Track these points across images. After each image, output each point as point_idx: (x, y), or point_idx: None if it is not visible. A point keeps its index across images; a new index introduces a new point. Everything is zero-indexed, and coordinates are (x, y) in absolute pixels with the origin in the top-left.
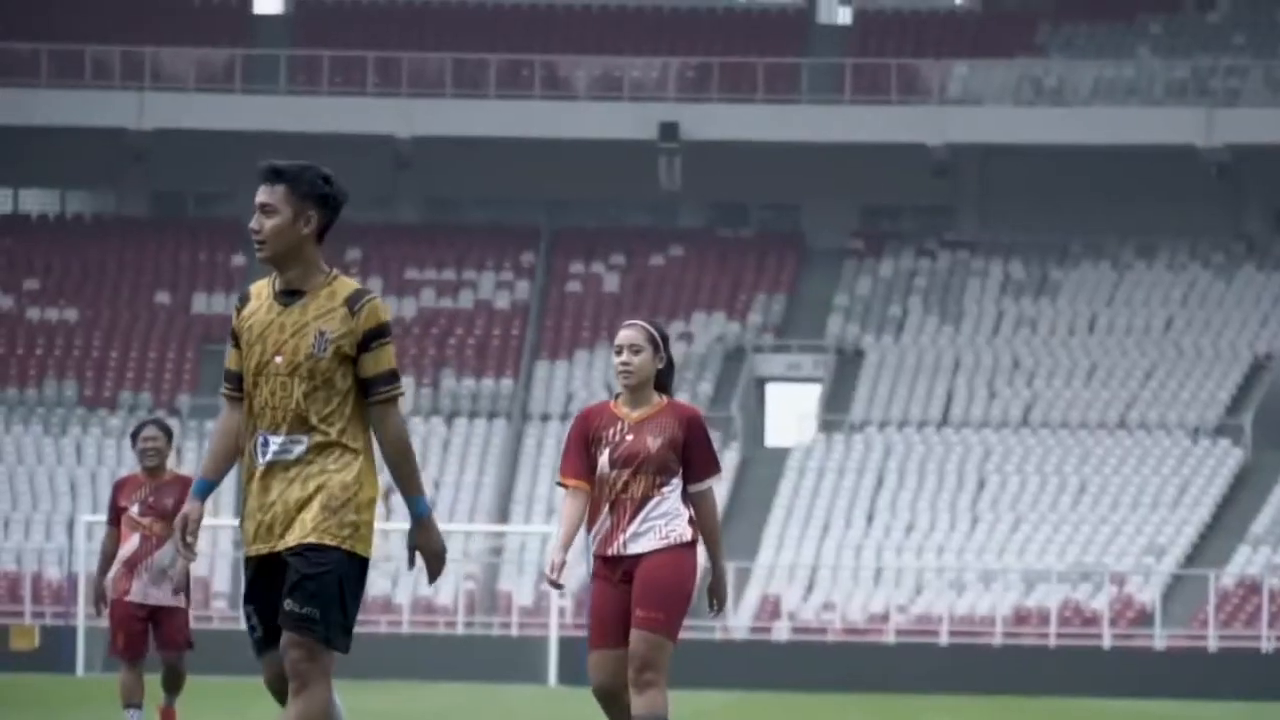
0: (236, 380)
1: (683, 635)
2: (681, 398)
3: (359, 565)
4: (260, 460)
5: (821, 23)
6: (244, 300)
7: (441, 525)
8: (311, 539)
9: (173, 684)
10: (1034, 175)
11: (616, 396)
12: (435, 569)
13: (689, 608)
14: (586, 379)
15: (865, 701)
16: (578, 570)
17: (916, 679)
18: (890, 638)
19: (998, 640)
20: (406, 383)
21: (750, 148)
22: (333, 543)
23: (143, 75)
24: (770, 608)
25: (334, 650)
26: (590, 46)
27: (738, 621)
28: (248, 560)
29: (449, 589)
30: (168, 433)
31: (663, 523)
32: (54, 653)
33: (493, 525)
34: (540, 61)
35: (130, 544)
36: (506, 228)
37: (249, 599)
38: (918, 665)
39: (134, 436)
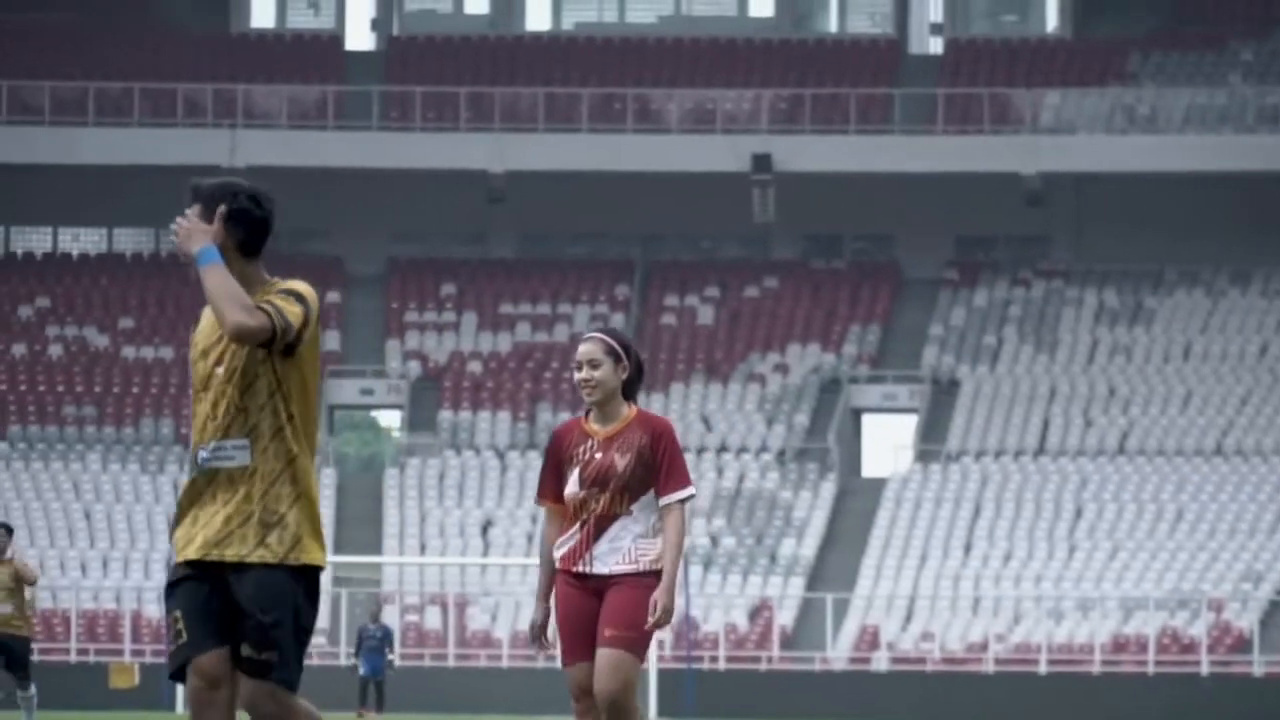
0: None
1: (784, 666)
2: (778, 429)
3: (309, 578)
4: (197, 468)
5: (913, 53)
6: (198, 320)
7: (538, 559)
8: (254, 558)
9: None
10: (1127, 203)
11: (587, 413)
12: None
13: (654, 632)
14: (682, 411)
15: None
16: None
17: (1015, 708)
18: (989, 667)
19: (1096, 668)
20: (503, 417)
21: (843, 179)
22: (275, 560)
23: (235, 113)
24: (869, 638)
25: (290, 689)
26: (682, 79)
27: (837, 652)
28: (179, 565)
29: (550, 623)
30: None
31: (633, 544)
32: (154, 690)
33: None
34: (633, 95)
35: None
36: (601, 261)
37: (177, 605)
38: (1016, 694)
39: None
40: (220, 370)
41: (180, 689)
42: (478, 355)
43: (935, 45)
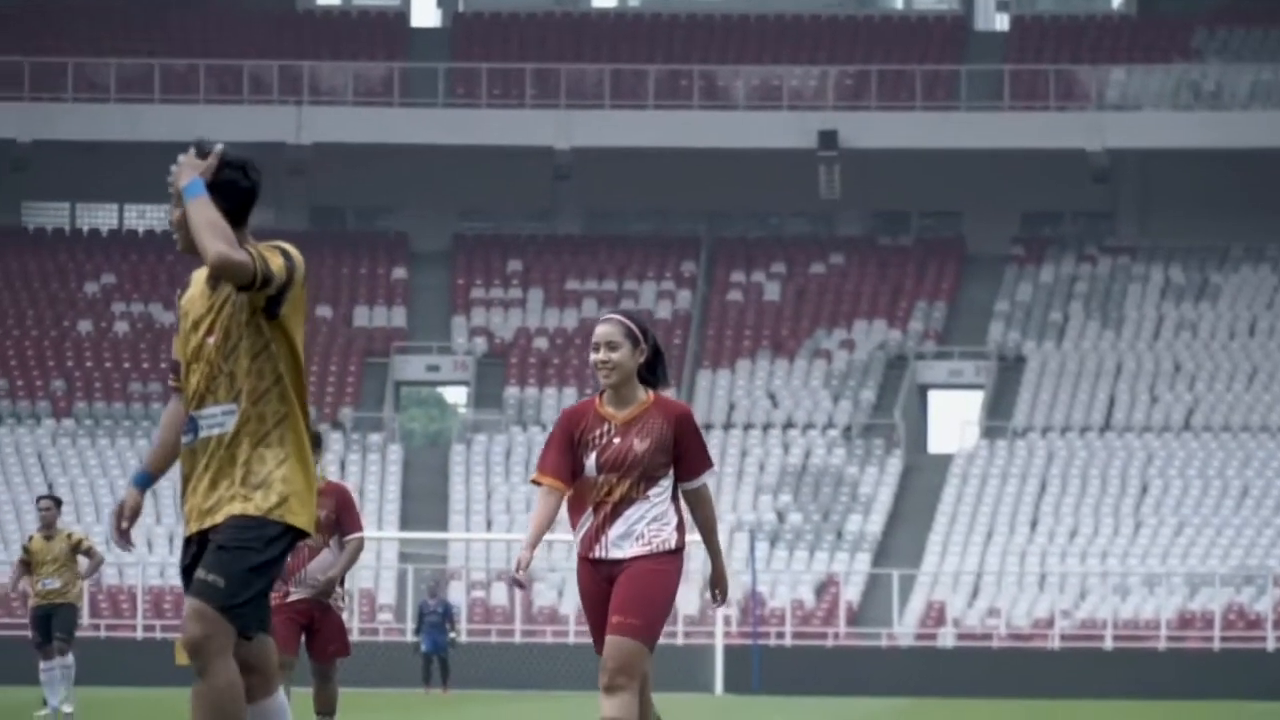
0: (179, 369)
1: (850, 642)
2: (844, 406)
3: (286, 538)
4: (191, 441)
5: (979, 29)
6: (185, 287)
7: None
8: (235, 509)
9: (323, 702)
10: (1193, 179)
11: (600, 394)
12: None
13: (668, 615)
14: (749, 388)
15: (1030, 707)
16: (742, 579)
17: (1081, 684)
18: (1055, 643)
19: (1162, 644)
20: (569, 394)
21: (909, 155)
22: (257, 513)
23: (301, 89)
24: (935, 614)
25: (232, 623)
26: (749, 56)
27: (903, 628)
28: (186, 541)
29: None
30: (315, 442)
31: (647, 528)
32: None
33: None
34: (699, 71)
35: None
36: (667, 238)
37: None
38: (1083, 670)
39: None
40: (211, 340)
41: None
42: (544, 332)
43: (1001, 22)
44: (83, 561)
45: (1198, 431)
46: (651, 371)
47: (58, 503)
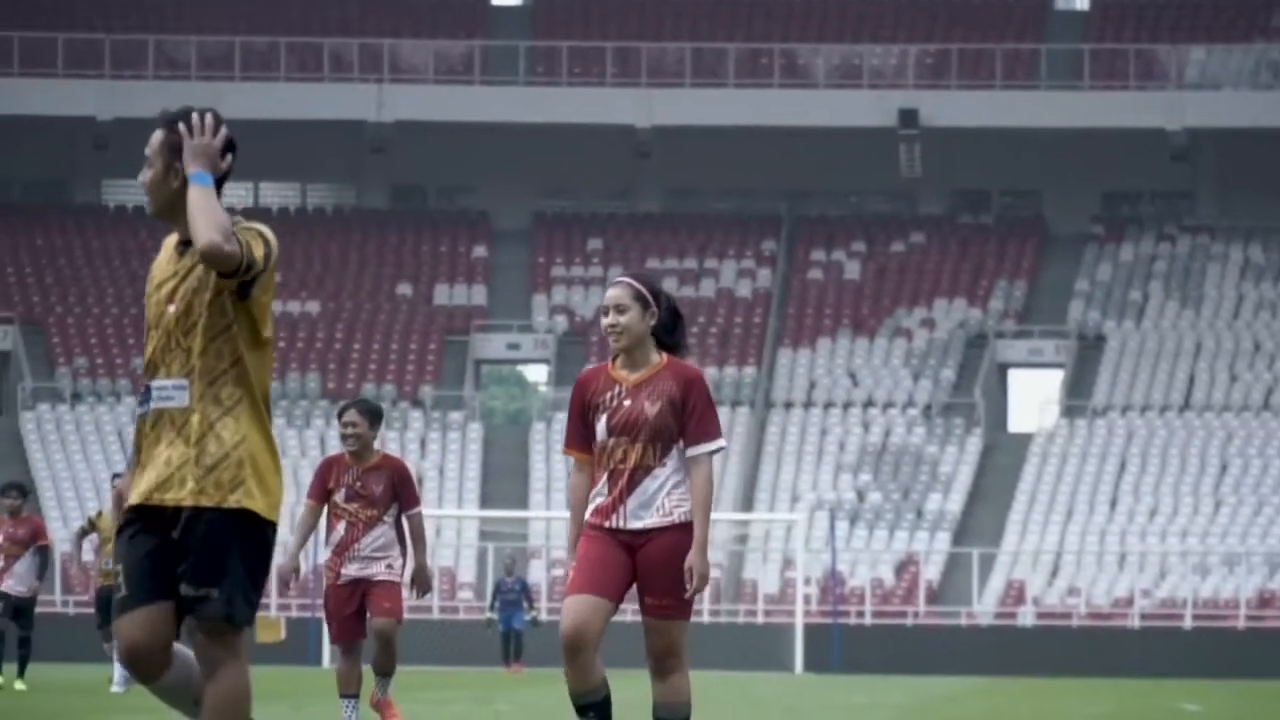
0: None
1: (930, 621)
2: (924, 384)
3: (254, 523)
4: (145, 409)
5: (1059, 8)
6: (160, 253)
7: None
8: (189, 501)
9: (384, 661)
10: (1272, 158)
11: (614, 359)
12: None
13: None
14: (829, 366)
15: (1110, 686)
16: (822, 557)
17: (1161, 663)
18: (1134, 622)
19: (1241, 623)
20: None
21: (990, 134)
22: (211, 504)
23: (382, 68)
24: (1015, 593)
25: (236, 625)
26: (830, 34)
27: (982, 607)
28: (128, 511)
29: None
30: (372, 415)
31: (667, 498)
32: (300, 645)
33: (737, 513)
34: (780, 50)
35: (337, 532)
36: (747, 216)
37: (120, 557)
38: (1162, 649)
39: (338, 417)
40: (172, 309)
41: (326, 643)
42: None
43: (1081, 1)
44: None
45: (1277, 410)
46: (670, 334)
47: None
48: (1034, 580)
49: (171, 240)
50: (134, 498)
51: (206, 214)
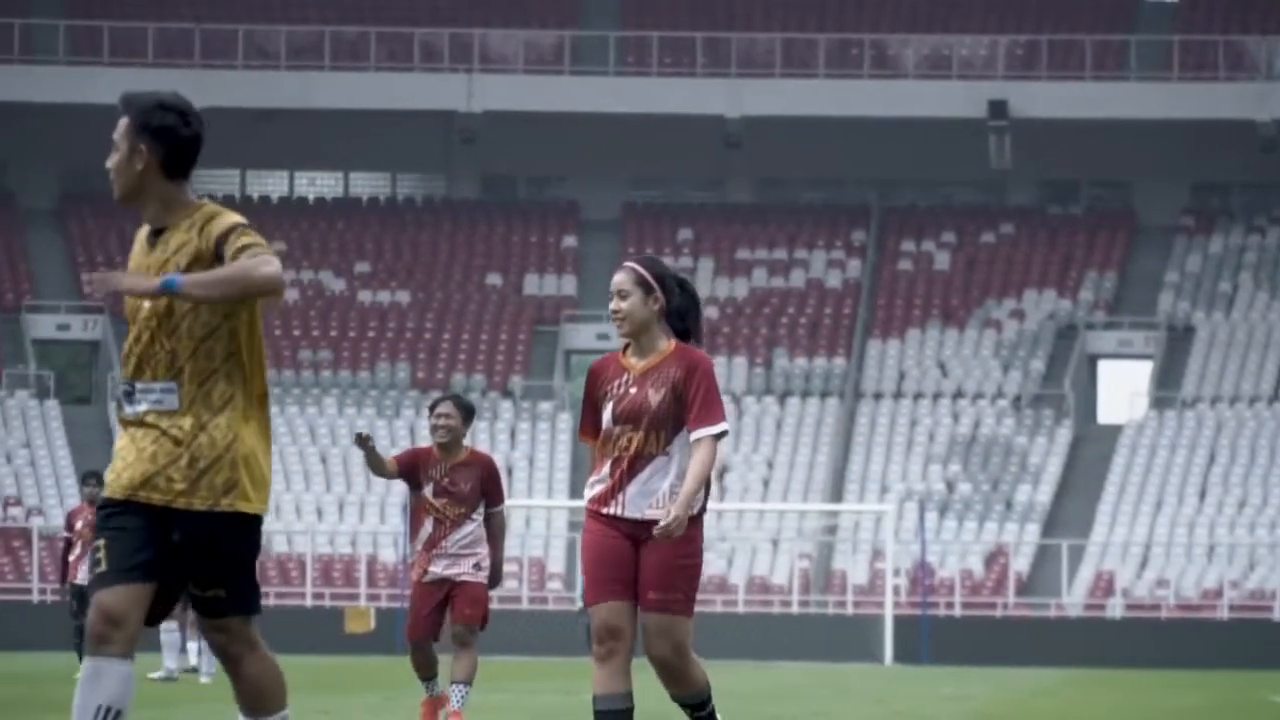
0: None
1: (1020, 612)
2: (1014, 375)
3: (246, 523)
4: (130, 410)
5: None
6: (134, 244)
7: (775, 505)
8: (181, 504)
9: (463, 667)
10: None
11: (625, 346)
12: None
13: (700, 577)
14: (919, 357)
15: (1199, 678)
16: (912, 549)
17: (1249, 655)
18: (1223, 613)
19: None
20: (739, 363)
21: (1079, 125)
22: (204, 508)
23: (472, 58)
24: (1104, 585)
25: (251, 615)
26: (919, 25)
27: (1072, 599)
28: (108, 500)
29: (783, 568)
30: (466, 411)
31: (666, 487)
32: (389, 635)
33: (827, 504)
34: (870, 40)
35: (425, 528)
36: (837, 207)
37: (104, 534)
38: (1251, 641)
39: (430, 409)
40: (148, 305)
41: None
42: (714, 300)
43: None
44: None
45: None
46: (681, 319)
47: None
48: (1123, 572)
49: (143, 232)
50: (116, 489)
51: (231, 283)
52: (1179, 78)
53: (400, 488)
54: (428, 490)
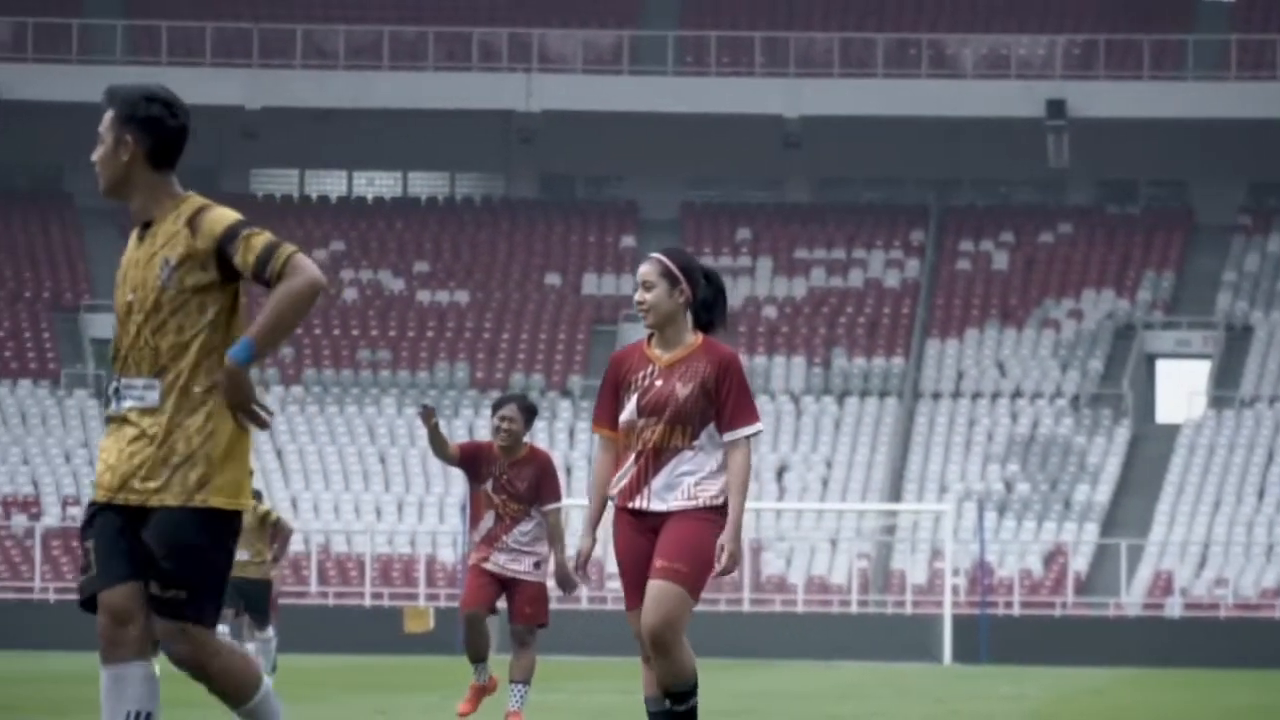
0: None
1: (1078, 612)
2: (1072, 375)
3: (218, 520)
4: (114, 408)
5: None
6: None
7: (834, 504)
8: (154, 501)
9: (521, 665)
10: None
11: (649, 338)
12: (238, 413)
13: (710, 573)
14: (977, 357)
15: (1258, 678)
16: (970, 548)
17: None
18: None
19: None
20: (797, 363)
21: (1137, 124)
22: (177, 503)
23: (530, 57)
24: (1163, 584)
25: (208, 626)
26: (978, 25)
27: (1130, 598)
28: (93, 504)
29: (842, 568)
30: (528, 413)
31: (692, 480)
32: (448, 635)
33: (885, 504)
34: (928, 40)
35: (485, 522)
36: (895, 206)
37: (89, 537)
38: None
39: (494, 409)
40: (133, 299)
41: None
42: (773, 300)
43: None
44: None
45: None
46: (709, 312)
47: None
48: (1182, 571)
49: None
50: (99, 492)
51: (289, 313)
52: (1236, 77)
53: (459, 487)
54: (488, 485)
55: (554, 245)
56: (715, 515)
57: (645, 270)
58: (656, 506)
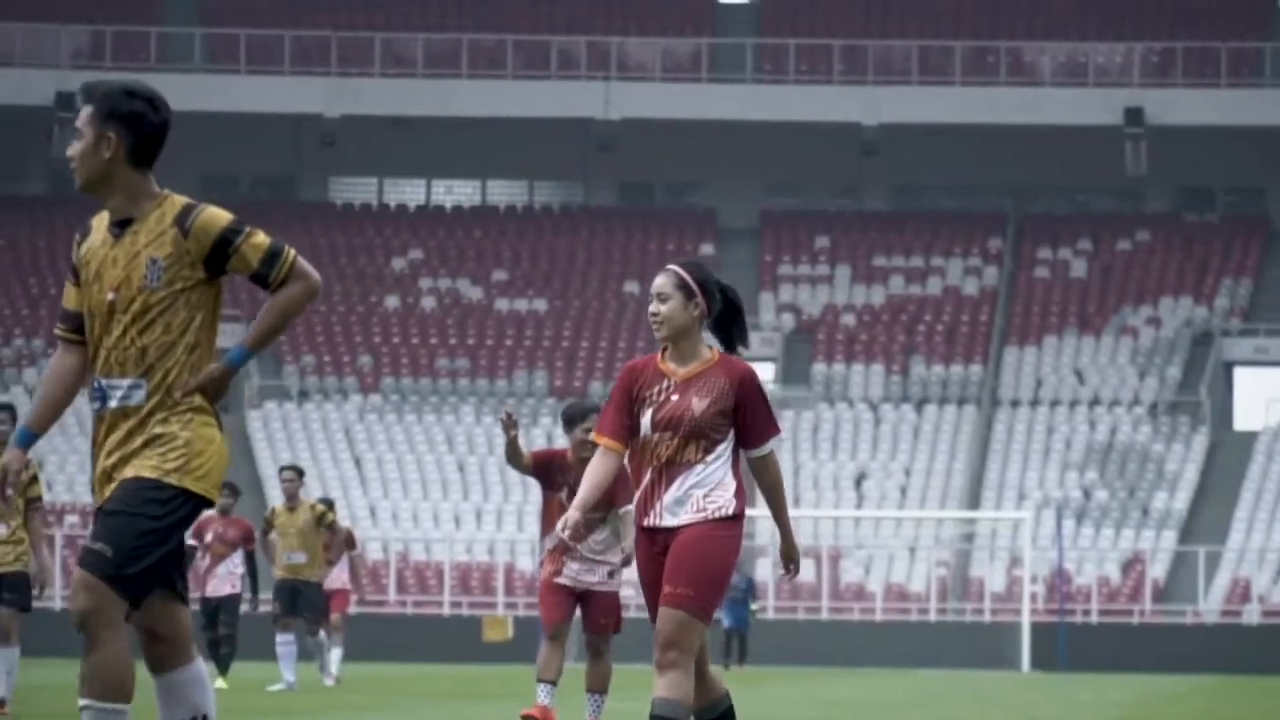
0: (74, 320)
1: (1156, 619)
2: (1150, 382)
3: (183, 504)
4: (100, 409)
5: None
6: (85, 233)
7: (912, 511)
8: (129, 473)
9: (597, 676)
10: None
11: (663, 351)
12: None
13: (725, 587)
14: (1055, 364)
15: None
16: (1049, 555)
17: None
18: None
19: None
20: (876, 370)
21: (1214, 132)
22: (152, 476)
23: (609, 65)
24: (1241, 591)
25: (121, 594)
26: (1055, 32)
27: (1209, 605)
28: (97, 511)
29: (921, 576)
30: None
31: (702, 493)
32: (528, 644)
33: (964, 512)
34: (1005, 48)
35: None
36: (973, 214)
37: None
38: None
39: (570, 421)
40: (113, 298)
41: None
42: (851, 308)
43: None
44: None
45: None
46: (724, 329)
47: (299, 473)
48: (1259, 578)
49: (102, 222)
50: (97, 498)
51: (285, 317)
52: None
53: (538, 495)
54: (563, 494)
55: (632, 253)
56: (725, 526)
57: (660, 282)
58: (668, 522)
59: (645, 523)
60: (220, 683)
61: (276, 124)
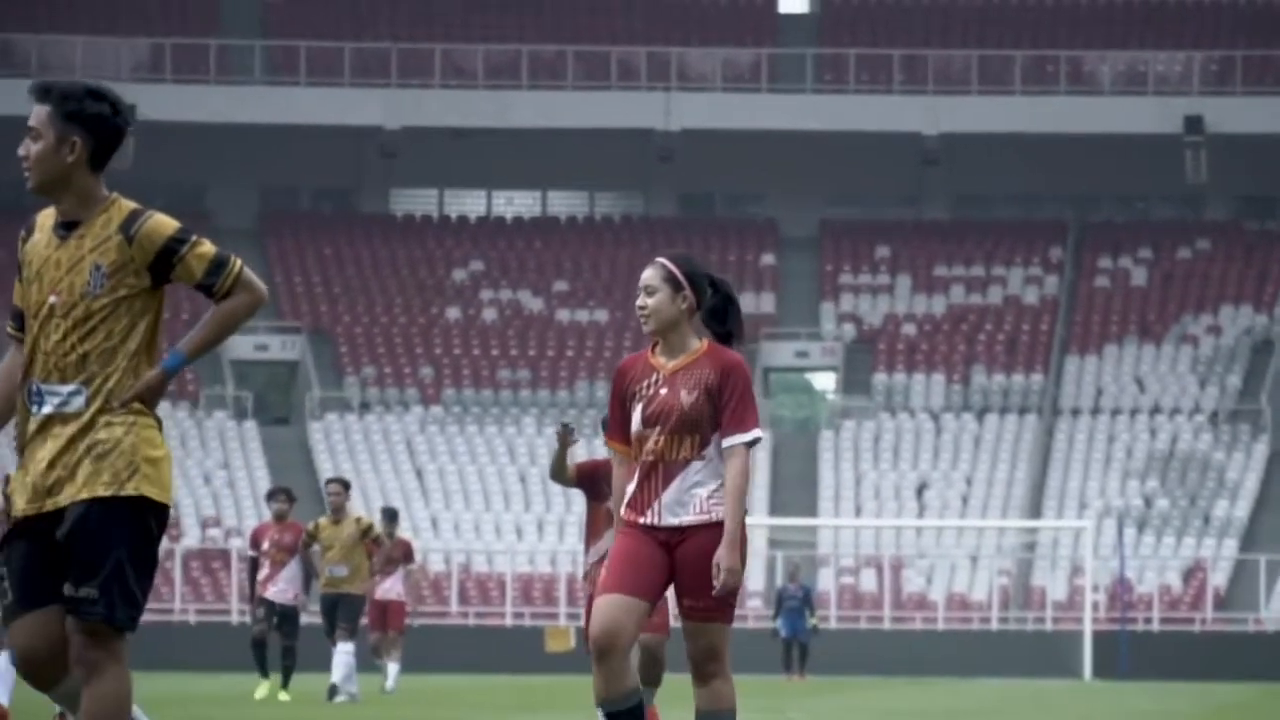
0: (22, 318)
1: (1218, 627)
2: (1210, 390)
3: (144, 511)
4: (36, 412)
5: None
6: (29, 230)
7: (974, 521)
8: (84, 494)
9: (649, 673)
10: None
11: (654, 345)
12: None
13: (741, 582)
14: (1116, 373)
15: None
16: (1110, 564)
17: None
18: None
19: None
20: (937, 380)
21: (1275, 140)
22: (107, 493)
23: (669, 76)
24: None
25: (116, 627)
26: (1115, 41)
27: (1270, 613)
28: (15, 521)
29: (982, 585)
30: None
31: (704, 494)
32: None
33: (1025, 521)
34: (1065, 57)
35: (604, 541)
36: (1034, 223)
37: (3, 563)
38: None
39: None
40: (55, 301)
41: None
42: (912, 317)
43: None
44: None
45: None
46: (720, 322)
47: (346, 486)
48: None
49: (47, 221)
50: (19, 506)
51: (227, 326)
52: None
53: None
54: (610, 503)
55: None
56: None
57: (648, 275)
58: (668, 521)
59: (641, 521)
60: (284, 695)
61: (337, 136)
